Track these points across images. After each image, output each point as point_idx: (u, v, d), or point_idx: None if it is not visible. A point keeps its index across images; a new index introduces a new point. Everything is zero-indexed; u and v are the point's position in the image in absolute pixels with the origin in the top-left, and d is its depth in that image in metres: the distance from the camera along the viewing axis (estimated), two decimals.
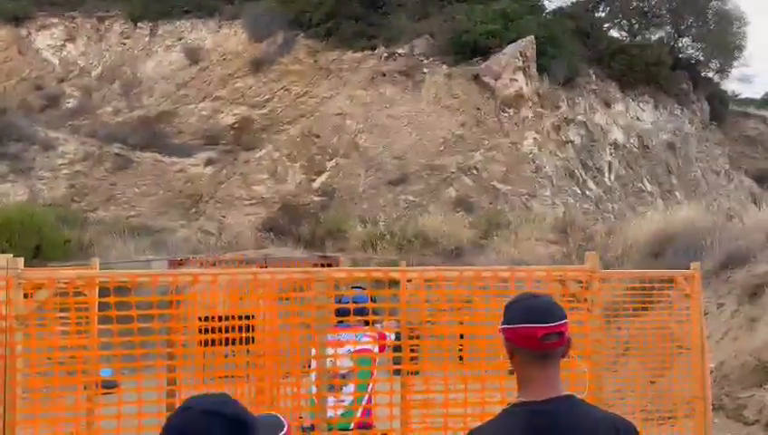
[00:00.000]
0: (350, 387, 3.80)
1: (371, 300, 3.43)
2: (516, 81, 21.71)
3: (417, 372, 3.67)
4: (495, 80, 21.71)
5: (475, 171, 20.62)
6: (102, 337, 3.31)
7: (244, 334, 3.36)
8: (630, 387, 6.18)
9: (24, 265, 2.79)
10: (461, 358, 3.71)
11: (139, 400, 3.00)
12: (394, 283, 3.56)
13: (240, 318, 3.37)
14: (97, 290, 3.61)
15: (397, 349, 3.70)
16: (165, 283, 3.11)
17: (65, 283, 3.01)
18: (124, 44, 25.05)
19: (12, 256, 2.84)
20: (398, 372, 3.58)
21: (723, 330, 9.70)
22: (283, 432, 1.71)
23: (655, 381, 6.38)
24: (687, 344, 5.37)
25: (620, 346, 6.26)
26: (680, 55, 28.44)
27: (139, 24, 25.14)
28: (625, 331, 5.96)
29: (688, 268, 6.02)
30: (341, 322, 3.58)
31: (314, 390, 3.13)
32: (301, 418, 3.59)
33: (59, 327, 3.52)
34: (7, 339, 2.76)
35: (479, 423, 2.25)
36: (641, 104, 25.47)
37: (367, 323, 3.41)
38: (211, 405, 1.54)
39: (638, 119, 25.17)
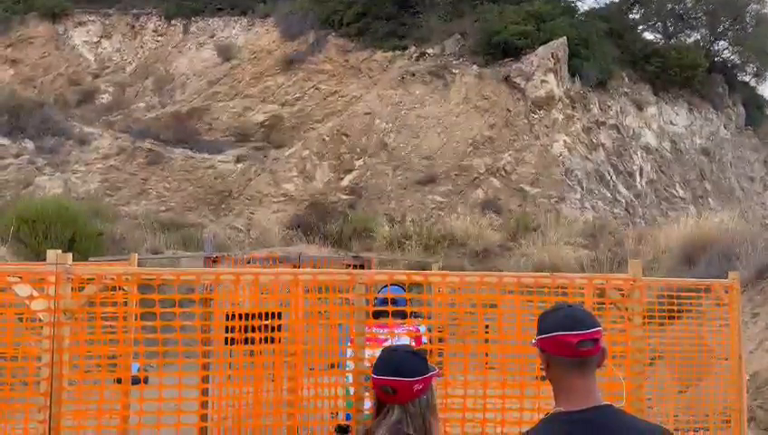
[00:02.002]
0: None
1: (408, 301, 3.44)
2: (547, 82, 21.53)
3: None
4: (526, 81, 21.56)
5: (503, 173, 20.51)
6: (142, 333, 3.37)
7: (281, 334, 3.40)
8: (660, 396, 6.10)
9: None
10: (486, 363, 3.69)
11: (179, 397, 3.06)
12: (422, 285, 3.56)
13: (278, 317, 3.41)
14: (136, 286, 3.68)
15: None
16: (206, 280, 3.17)
17: (111, 279, 3.07)
18: (158, 41, 25.44)
19: (60, 251, 2.92)
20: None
21: (757, 341, 9.51)
22: (435, 372, 2.53)
23: (684, 390, 6.28)
24: (721, 354, 5.28)
25: (652, 354, 6.17)
26: (716, 58, 27.91)
27: (172, 22, 25.52)
28: (655, 339, 5.88)
29: (722, 277, 5.91)
30: (378, 318, 3.60)
31: (352, 391, 3.15)
32: (335, 415, 3.61)
33: (102, 322, 3.60)
34: (54, 332, 2.83)
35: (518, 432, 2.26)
36: (675, 108, 25.06)
37: (404, 317, 3.42)
38: (406, 348, 2.72)
39: (671, 122, 24.77)
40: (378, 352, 3.75)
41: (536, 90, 21.41)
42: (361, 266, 10.84)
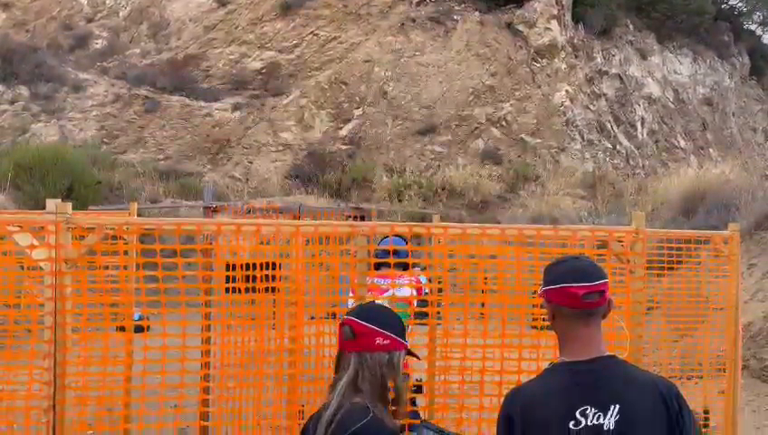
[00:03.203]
0: None
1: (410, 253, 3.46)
2: (550, 30, 21.12)
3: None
4: (529, 28, 21.14)
5: (504, 123, 20.33)
6: (144, 282, 3.40)
7: (282, 284, 3.43)
8: (655, 345, 6.20)
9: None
10: (482, 313, 3.72)
11: (182, 346, 3.11)
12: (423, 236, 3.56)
13: (279, 267, 3.43)
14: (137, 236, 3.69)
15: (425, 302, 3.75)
16: (207, 231, 3.17)
17: (112, 229, 3.07)
18: None
19: (59, 199, 2.91)
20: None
21: (752, 291, 9.62)
22: (408, 345, 2.27)
23: (678, 340, 6.38)
24: (717, 304, 5.33)
25: (648, 304, 6.24)
26: (722, 6, 27.34)
27: None
28: (653, 289, 5.94)
29: (720, 227, 5.91)
30: (379, 268, 3.62)
31: None
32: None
33: (103, 271, 3.61)
34: (56, 281, 2.84)
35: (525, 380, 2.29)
36: (679, 56, 24.68)
37: (405, 269, 3.44)
38: (389, 308, 2.46)
39: (675, 72, 24.43)
40: (378, 301, 3.80)
41: (539, 37, 21.03)
42: (362, 218, 10.87)
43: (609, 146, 21.52)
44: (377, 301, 3.56)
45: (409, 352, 2.26)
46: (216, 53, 22.87)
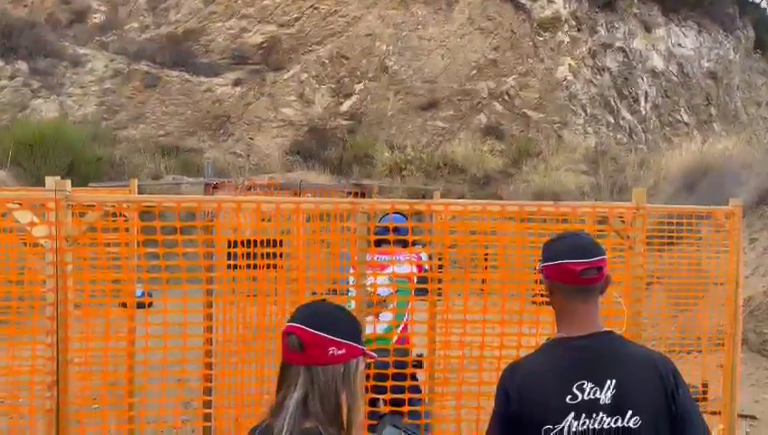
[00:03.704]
0: (389, 315, 3.90)
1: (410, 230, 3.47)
2: (553, 2, 20.88)
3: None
4: (532, 1, 20.88)
5: (507, 97, 20.19)
6: (145, 259, 3.41)
7: (283, 260, 3.45)
8: (655, 320, 6.24)
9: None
10: (482, 289, 3.74)
11: (185, 322, 3.14)
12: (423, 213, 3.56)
13: (280, 244, 3.45)
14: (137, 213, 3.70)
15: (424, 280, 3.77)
16: (208, 208, 3.18)
17: (112, 206, 3.08)
18: None
19: (59, 178, 2.91)
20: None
21: (753, 266, 9.66)
22: (367, 351, 1.90)
23: (678, 315, 6.41)
24: (718, 279, 5.35)
25: (648, 279, 6.27)
26: None
27: None
28: (654, 264, 5.95)
29: (722, 202, 5.90)
30: (380, 245, 3.64)
31: None
32: None
33: (104, 248, 3.63)
34: (57, 259, 2.86)
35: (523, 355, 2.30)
36: (684, 29, 24.39)
37: (405, 246, 3.46)
38: (343, 307, 2.07)
39: (679, 45, 24.18)
40: (379, 280, 3.83)
41: (542, 10, 20.79)
42: (363, 194, 10.87)
43: (612, 120, 21.40)
44: (378, 278, 3.58)
45: (366, 355, 1.89)
46: (215, 27, 22.65)
